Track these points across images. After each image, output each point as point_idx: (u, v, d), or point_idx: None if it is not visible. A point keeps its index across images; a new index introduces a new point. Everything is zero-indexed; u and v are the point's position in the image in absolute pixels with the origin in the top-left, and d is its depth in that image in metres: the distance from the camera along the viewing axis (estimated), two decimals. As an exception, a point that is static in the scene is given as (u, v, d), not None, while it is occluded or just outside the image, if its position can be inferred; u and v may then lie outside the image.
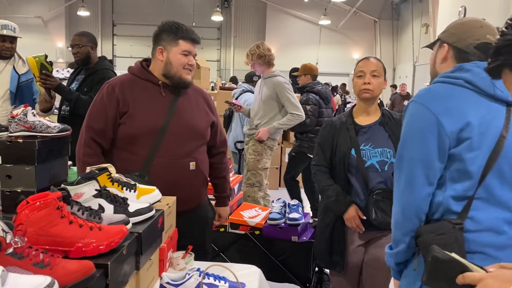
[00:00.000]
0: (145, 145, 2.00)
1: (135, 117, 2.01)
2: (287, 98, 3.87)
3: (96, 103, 2.07)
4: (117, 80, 2.13)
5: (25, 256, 0.97)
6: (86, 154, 2.02)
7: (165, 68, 2.07)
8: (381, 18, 18.09)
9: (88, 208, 1.33)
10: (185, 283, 1.48)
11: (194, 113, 2.14)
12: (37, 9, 17.59)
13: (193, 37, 2.09)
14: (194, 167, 2.08)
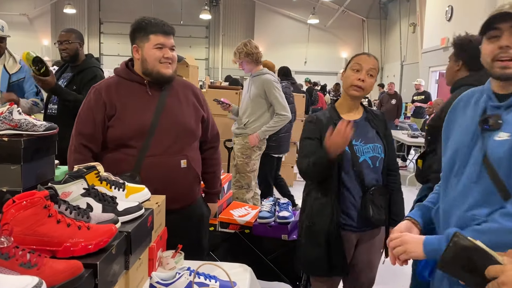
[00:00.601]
0: (135, 145, 1.99)
1: (123, 119, 2.00)
2: (275, 97, 3.87)
3: (84, 108, 2.07)
4: (103, 83, 2.12)
5: (11, 256, 0.95)
6: (77, 160, 2.01)
7: (143, 66, 2.05)
8: (369, 18, 18.21)
9: (76, 207, 1.30)
10: (175, 283, 1.46)
11: (183, 109, 2.10)
12: (22, 6, 17.33)
13: (164, 29, 2.03)
14: (186, 164, 2.05)
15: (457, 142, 1.43)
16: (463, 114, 1.47)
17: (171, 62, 2.04)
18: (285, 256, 2.82)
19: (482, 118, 1.35)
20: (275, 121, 3.89)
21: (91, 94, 2.07)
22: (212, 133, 2.30)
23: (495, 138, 1.30)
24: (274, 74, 4.11)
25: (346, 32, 18.19)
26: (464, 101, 1.50)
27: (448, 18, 8.49)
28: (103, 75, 3.49)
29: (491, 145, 1.30)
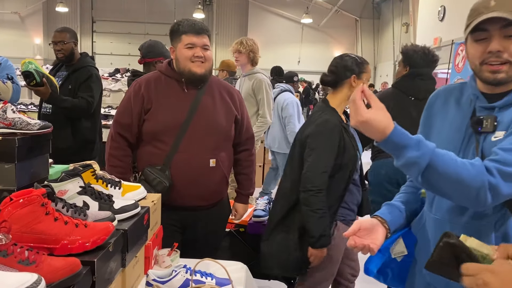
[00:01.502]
0: (167, 140, 2.04)
1: (158, 114, 2.06)
2: (262, 98, 3.89)
3: (124, 100, 2.15)
4: (144, 77, 2.18)
5: (9, 253, 0.95)
6: (112, 147, 2.12)
7: (177, 66, 2.10)
8: (362, 17, 18.26)
9: (73, 205, 1.31)
10: (171, 280, 1.47)
11: (216, 109, 2.13)
12: (13, 4, 17.15)
13: (195, 28, 2.06)
14: (214, 164, 2.08)
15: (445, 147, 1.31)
16: (443, 114, 1.41)
17: (203, 61, 2.06)
18: (279, 254, 2.83)
19: (475, 120, 1.29)
20: (258, 125, 3.90)
21: (132, 87, 2.15)
22: (246, 135, 2.32)
23: (492, 139, 1.25)
24: (266, 74, 4.12)
25: (340, 32, 18.22)
26: (442, 99, 1.43)
27: (440, 18, 8.55)
28: (98, 74, 3.51)
29: (488, 146, 1.25)
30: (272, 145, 5.13)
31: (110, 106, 5.97)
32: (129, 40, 18.11)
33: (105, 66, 8.71)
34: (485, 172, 1.14)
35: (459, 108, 1.36)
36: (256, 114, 3.97)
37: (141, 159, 2.12)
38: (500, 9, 1.18)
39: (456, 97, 1.39)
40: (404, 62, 2.94)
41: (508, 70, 1.22)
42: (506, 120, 1.24)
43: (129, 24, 17.84)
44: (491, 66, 1.22)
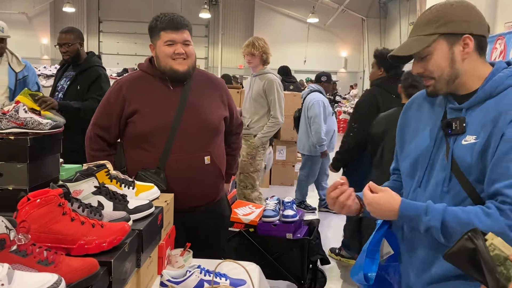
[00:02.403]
0: (159, 142, 1.97)
1: (145, 115, 1.99)
2: (274, 98, 3.84)
3: (104, 101, 2.10)
4: (126, 78, 2.12)
5: (29, 253, 0.95)
6: (92, 149, 2.08)
7: (157, 64, 2.03)
8: (368, 17, 18.19)
9: (88, 205, 1.31)
10: (186, 281, 1.46)
11: (205, 104, 2.07)
12: (21, 4, 17.25)
13: (174, 24, 1.97)
14: (209, 161, 2.03)
15: (418, 148, 1.38)
16: (418, 115, 1.44)
17: (184, 57, 1.98)
18: (289, 255, 2.82)
19: (445, 122, 1.31)
20: (269, 126, 3.87)
21: (112, 88, 2.09)
22: (236, 123, 2.31)
23: (462, 143, 1.26)
24: (276, 74, 4.09)
25: (346, 31, 18.16)
26: (418, 103, 1.47)
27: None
28: (106, 73, 3.50)
29: (459, 150, 1.27)
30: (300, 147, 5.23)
31: (118, 106, 5.97)
32: (135, 40, 18.16)
33: (112, 66, 8.74)
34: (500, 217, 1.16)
35: (433, 110, 1.40)
36: (267, 115, 3.92)
37: (131, 162, 2.04)
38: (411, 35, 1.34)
39: (430, 100, 1.43)
40: (378, 64, 3.39)
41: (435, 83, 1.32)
42: (476, 123, 1.25)
43: (135, 24, 17.88)
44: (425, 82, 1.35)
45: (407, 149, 1.43)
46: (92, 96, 3.28)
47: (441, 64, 1.29)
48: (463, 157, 1.25)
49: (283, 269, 2.82)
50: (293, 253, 2.82)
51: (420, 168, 1.37)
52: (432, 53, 1.29)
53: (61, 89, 3.41)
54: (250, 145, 3.89)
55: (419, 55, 1.31)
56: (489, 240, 0.98)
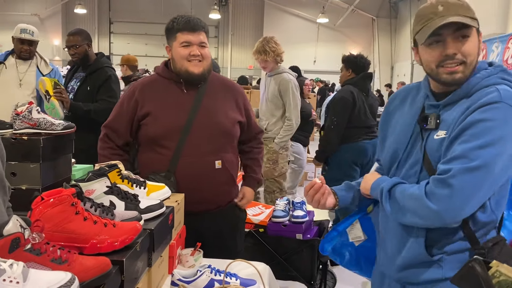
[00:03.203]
0: (170, 144, 1.97)
1: (157, 118, 1.99)
2: (289, 99, 3.76)
3: (118, 105, 2.12)
4: (140, 81, 2.14)
5: (43, 252, 0.97)
6: (101, 148, 2.10)
7: (173, 66, 2.03)
8: (379, 16, 18.09)
9: (101, 205, 1.32)
10: (196, 280, 1.47)
11: (218, 108, 2.05)
12: (33, 6, 17.47)
13: (190, 25, 1.96)
14: (220, 165, 2.01)
15: (396, 141, 1.44)
16: (400, 111, 1.49)
17: (200, 59, 1.97)
18: (299, 256, 2.82)
19: (421, 117, 1.36)
20: (285, 129, 3.80)
21: (127, 91, 2.11)
22: (255, 130, 2.26)
23: (434, 137, 1.31)
24: (292, 73, 3.98)
25: (356, 31, 18.08)
26: (400, 98, 1.51)
27: (460, 17, 8.44)
28: (116, 74, 3.52)
29: (431, 143, 1.32)
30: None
31: (129, 106, 6.03)
32: (145, 41, 18.29)
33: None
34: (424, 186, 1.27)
35: (413, 105, 1.44)
36: (282, 118, 3.83)
37: (143, 166, 2.05)
38: (449, 14, 1.25)
39: (412, 96, 1.47)
40: (347, 67, 3.89)
41: (464, 70, 1.27)
42: (449, 120, 1.29)
43: (145, 25, 18.01)
44: (448, 68, 1.28)
45: (388, 142, 1.49)
46: (103, 98, 3.31)
47: (475, 50, 1.29)
48: (433, 150, 1.30)
49: (293, 270, 2.82)
50: (303, 254, 2.81)
51: (397, 159, 1.43)
52: (472, 35, 1.28)
53: (71, 90, 3.44)
54: (269, 150, 3.80)
55: (461, 33, 1.26)
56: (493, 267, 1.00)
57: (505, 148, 1.19)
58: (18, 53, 3.50)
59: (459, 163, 1.19)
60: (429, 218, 1.24)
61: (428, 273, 1.34)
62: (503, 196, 1.32)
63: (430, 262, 1.33)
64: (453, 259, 1.30)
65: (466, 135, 1.21)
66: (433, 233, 1.32)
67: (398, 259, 1.40)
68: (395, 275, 1.43)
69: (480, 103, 1.22)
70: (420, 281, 1.36)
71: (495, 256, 1.21)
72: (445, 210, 1.20)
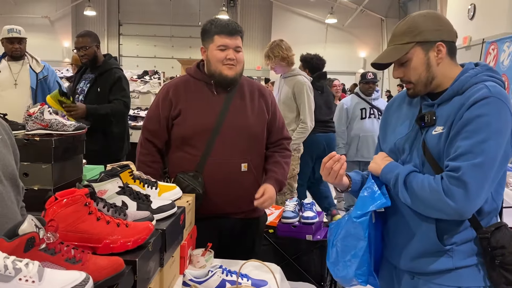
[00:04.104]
0: (199, 145, 2.00)
1: (187, 118, 2.02)
2: (303, 101, 3.74)
3: (153, 105, 2.14)
4: (173, 82, 2.16)
5: (57, 251, 0.97)
6: (141, 154, 2.10)
7: (207, 67, 2.06)
8: (388, 17, 17.98)
9: (113, 205, 1.33)
10: (208, 280, 1.47)
11: (247, 111, 2.07)
12: (43, 9, 17.64)
13: (228, 29, 1.99)
14: (246, 168, 2.02)
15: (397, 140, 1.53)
16: (398, 113, 1.60)
17: (234, 63, 2.00)
18: (309, 256, 2.81)
19: (419, 116, 1.47)
20: (299, 131, 3.77)
21: (161, 92, 2.14)
22: (281, 136, 2.22)
23: (432, 133, 1.42)
24: (307, 76, 3.97)
25: (365, 32, 17.99)
26: (398, 101, 1.63)
27: (470, 17, 8.33)
28: (124, 74, 3.59)
29: (430, 139, 1.42)
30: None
31: (139, 108, 6.05)
32: (154, 42, 18.37)
33: (132, 68, 8.86)
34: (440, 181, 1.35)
35: (410, 107, 1.56)
36: (296, 120, 3.82)
37: (173, 165, 2.08)
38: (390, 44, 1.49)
39: (410, 99, 1.58)
40: (304, 67, 4.29)
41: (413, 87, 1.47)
42: (444, 115, 1.41)
43: (154, 27, 18.09)
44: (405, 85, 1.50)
45: (388, 140, 1.58)
46: (117, 98, 3.38)
47: (419, 69, 1.44)
48: (433, 145, 1.41)
49: (303, 271, 2.81)
50: (313, 255, 2.80)
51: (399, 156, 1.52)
52: (410, 59, 1.43)
53: (81, 92, 3.48)
54: None
55: (398, 62, 1.45)
56: None
57: (503, 139, 1.31)
58: (10, 53, 3.64)
59: (466, 159, 1.30)
60: (446, 212, 1.34)
61: (438, 263, 1.41)
62: (501, 184, 1.42)
63: (441, 252, 1.41)
64: (463, 248, 1.40)
65: (467, 131, 1.32)
66: (443, 223, 1.40)
67: (410, 249, 1.46)
68: (405, 265, 1.49)
69: (473, 99, 1.33)
70: (431, 271, 1.43)
71: (498, 239, 1.34)
72: (462, 207, 1.30)
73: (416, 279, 1.47)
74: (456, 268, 1.39)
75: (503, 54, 5.28)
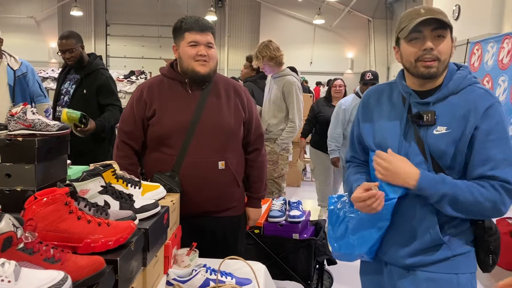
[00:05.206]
0: (175, 145, 1.98)
1: (162, 118, 2.00)
2: (292, 101, 3.75)
3: (127, 107, 2.11)
4: (146, 82, 2.14)
5: (35, 251, 0.96)
6: (118, 156, 2.06)
7: (180, 65, 2.04)
8: (374, 17, 18.12)
9: (95, 204, 1.32)
10: (192, 279, 1.47)
11: (223, 109, 2.05)
12: (29, 9, 17.42)
13: (198, 25, 1.97)
14: (223, 166, 2.00)
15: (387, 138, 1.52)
16: (378, 108, 1.60)
17: (206, 60, 1.98)
18: (295, 255, 2.82)
19: (416, 115, 1.47)
20: (287, 131, 3.78)
21: (135, 93, 2.11)
22: (256, 134, 2.20)
23: (434, 132, 1.44)
24: (297, 76, 3.97)
25: (352, 32, 18.11)
26: (375, 97, 1.63)
27: (455, 18, 8.44)
28: (111, 75, 3.52)
29: (431, 138, 1.44)
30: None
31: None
32: (142, 43, 18.27)
33: (119, 69, 8.80)
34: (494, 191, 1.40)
35: (392, 104, 1.57)
36: (285, 120, 3.82)
37: (149, 166, 2.06)
38: (429, 15, 1.41)
39: (387, 95, 1.60)
40: (251, 67, 4.61)
41: (438, 66, 1.43)
42: (446, 116, 1.44)
43: (142, 27, 17.99)
44: (425, 62, 1.42)
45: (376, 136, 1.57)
46: (111, 103, 3.34)
47: (448, 50, 1.44)
48: (436, 144, 1.43)
49: (289, 270, 2.82)
50: (300, 254, 2.81)
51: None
52: (446, 37, 1.43)
53: (66, 93, 3.42)
54: (270, 151, 3.79)
55: (438, 32, 1.42)
56: None
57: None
58: None
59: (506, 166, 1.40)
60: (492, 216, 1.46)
61: (437, 254, 1.47)
62: None
63: (440, 245, 1.47)
64: (458, 237, 1.48)
65: (493, 140, 1.40)
66: (443, 218, 1.46)
67: (409, 246, 1.50)
68: (403, 261, 1.51)
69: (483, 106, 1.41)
70: (429, 262, 1.48)
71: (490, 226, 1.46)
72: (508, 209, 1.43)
73: (411, 271, 1.51)
74: (453, 256, 1.47)
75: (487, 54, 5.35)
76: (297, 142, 5.65)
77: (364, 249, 1.56)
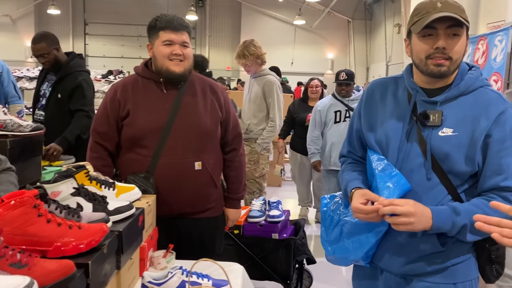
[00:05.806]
0: (150, 145, 1.94)
1: (137, 118, 1.95)
2: (273, 100, 3.75)
3: (101, 107, 2.05)
4: (120, 82, 2.09)
5: (1, 256, 0.93)
6: (91, 158, 2.00)
7: (154, 64, 2.00)
8: (354, 18, 18.32)
9: (66, 207, 1.28)
10: (167, 282, 1.45)
11: (199, 108, 2.01)
12: (5, 7, 17.02)
13: (173, 24, 1.94)
14: (200, 166, 1.97)
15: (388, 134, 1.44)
16: (382, 103, 1.51)
17: (181, 59, 1.94)
18: (275, 255, 2.82)
19: (422, 113, 1.39)
20: (268, 130, 3.77)
21: (108, 92, 2.05)
22: (233, 134, 2.16)
23: (439, 134, 1.37)
24: (276, 76, 3.96)
25: (332, 33, 18.26)
26: (380, 91, 1.53)
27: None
28: (87, 77, 3.31)
29: (435, 140, 1.37)
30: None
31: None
32: (121, 42, 18.06)
33: (98, 68, 8.67)
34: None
35: (397, 100, 1.48)
36: (266, 118, 3.81)
37: (123, 167, 2.01)
38: (446, 11, 1.31)
39: (392, 90, 1.51)
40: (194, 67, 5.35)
41: (449, 65, 1.34)
42: (454, 118, 1.37)
43: (121, 26, 17.78)
44: (436, 60, 1.34)
45: (378, 131, 1.48)
46: (78, 109, 3.14)
47: (462, 49, 1.36)
48: (440, 147, 1.36)
49: (269, 269, 2.81)
50: (279, 253, 2.81)
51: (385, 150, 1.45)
52: (461, 36, 1.34)
53: (43, 94, 3.29)
54: (251, 150, 3.78)
55: (454, 30, 1.33)
56: None
57: None
58: None
59: None
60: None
61: (436, 263, 1.41)
62: None
63: (438, 252, 1.40)
64: (457, 246, 1.40)
65: (508, 148, 1.32)
66: None
67: (407, 254, 1.43)
68: (400, 269, 1.45)
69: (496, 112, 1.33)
70: (428, 271, 1.42)
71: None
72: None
73: (408, 280, 1.45)
74: (452, 265, 1.41)
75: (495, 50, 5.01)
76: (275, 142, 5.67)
77: (359, 254, 1.49)
